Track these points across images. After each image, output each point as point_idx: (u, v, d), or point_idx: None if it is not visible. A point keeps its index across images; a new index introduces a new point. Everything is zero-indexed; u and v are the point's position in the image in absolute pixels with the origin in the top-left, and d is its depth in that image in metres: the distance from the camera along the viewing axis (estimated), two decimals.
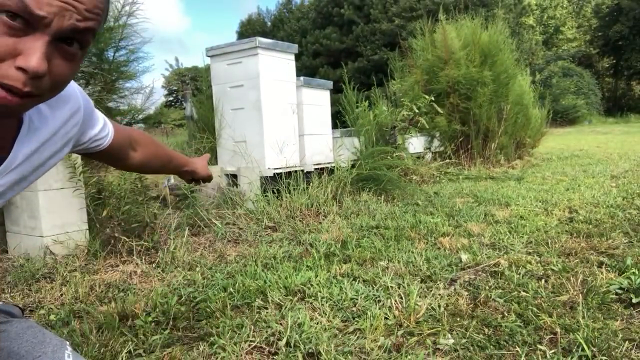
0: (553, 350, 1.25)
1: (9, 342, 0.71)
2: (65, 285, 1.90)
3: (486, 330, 1.39)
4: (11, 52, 0.51)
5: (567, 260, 2.03)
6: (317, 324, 1.46)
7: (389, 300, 1.61)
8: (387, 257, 2.16)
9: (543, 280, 1.77)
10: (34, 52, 0.51)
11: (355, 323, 1.47)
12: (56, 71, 0.56)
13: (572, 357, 1.21)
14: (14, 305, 0.83)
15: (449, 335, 1.37)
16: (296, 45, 3.90)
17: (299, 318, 1.48)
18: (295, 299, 1.68)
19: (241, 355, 1.29)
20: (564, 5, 36.80)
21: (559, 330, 1.35)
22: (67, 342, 0.76)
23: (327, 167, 4.06)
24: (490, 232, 2.57)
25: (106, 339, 1.37)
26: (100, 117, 0.89)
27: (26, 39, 0.52)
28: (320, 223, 2.95)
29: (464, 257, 2.11)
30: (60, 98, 0.70)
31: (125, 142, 0.98)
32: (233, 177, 3.47)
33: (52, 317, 1.60)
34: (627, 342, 1.27)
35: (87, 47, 0.60)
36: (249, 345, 1.34)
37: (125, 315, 1.56)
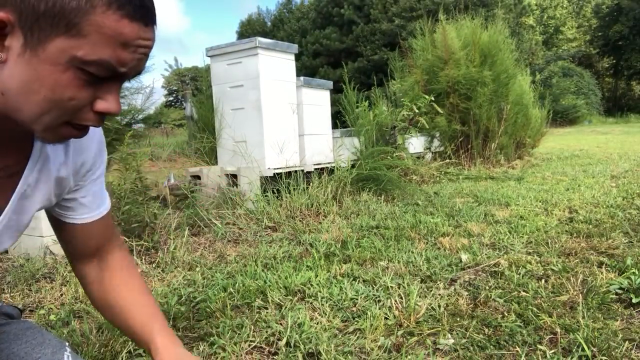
0: (553, 350, 1.25)
1: (8, 343, 0.72)
2: (65, 285, 1.90)
3: (486, 330, 1.39)
4: (90, 99, 0.58)
5: (567, 260, 2.03)
6: (317, 324, 1.46)
7: (389, 300, 1.61)
8: (387, 257, 2.16)
9: (543, 280, 1.77)
10: (113, 98, 0.59)
11: (355, 323, 1.47)
12: None
13: (572, 357, 1.21)
14: (13, 307, 0.83)
15: (449, 335, 1.37)
16: (296, 45, 3.90)
17: (299, 318, 1.48)
18: (295, 299, 1.68)
19: (241, 355, 1.29)
20: (564, 5, 36.82)
21: (559, 330, 1.35)
22: (67, 343, 0.76)
23: (327, 167, 4.06)
24: (490, 232, 2.57)
25: (106, 339, 1.37)
26: (102, 178, 0.84)
27: (103, 87, 0.58)
28: (320, 223, 2.95)
29: (464, 257, 2.11)
30: None
31: (96, 242, 0.85)
32: (233, 177, 3.47)
33: (52, 317, 1.60)
34: (627, 342, 1.27)
35: None
36: (249, 345, 1.34)
37: None
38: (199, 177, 3.46)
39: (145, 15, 0.56)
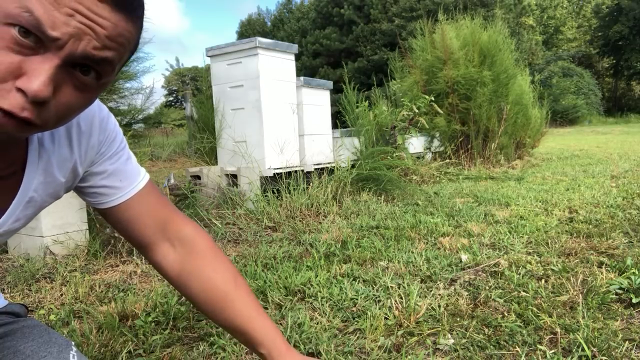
0: (553, 350, 1.25)
1: (15, 341, 0.72)
2: (65, 285, 1.90)
3: (486, 330, 1.39)
4: (14, 71, 0.46)
5: (567, 260, 2.03)
6: (317, 324, 1.46)
7: (389, 300, 1.61)
8: (387, 257, 2.16)
9: (543, 280, 1.77)
10: (38, 75, 0.46)
11: (355, 323, 1.47)
12: (64, 100, 0.50)
13: (572, 357, 1.21)
14: (20, 305, 0.83)
15: (449, 335, 1.37)
16: (296, 45, 3.90)
17: (299, 318, 1.48)
18: (295, 299, 1.68)
19: (241, 355, 1.29)
20: (564, 5, 36.85)
21: (559, 330, 1.35)
22: (72, 343, 0.77)
23: (327, 167, 4.06)
24: (490, 232, 2.57)
25: (106, 339, 1.37)
26: (128, 155, 0.75)
27: (34, 59, 0.46)
28: (320, 223, 2.95)
29: (464, 257, 2.11)
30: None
31: (152, 219, 0.76)
32: (233, 177, 3.47)
33: (52, 317, 1.60)
34: (627, 342, 1.27)
35: (106, 79, 0.54)
36: None
37: (125, 315, 1.56)
38: (199, 177, 3.46)
39: None
